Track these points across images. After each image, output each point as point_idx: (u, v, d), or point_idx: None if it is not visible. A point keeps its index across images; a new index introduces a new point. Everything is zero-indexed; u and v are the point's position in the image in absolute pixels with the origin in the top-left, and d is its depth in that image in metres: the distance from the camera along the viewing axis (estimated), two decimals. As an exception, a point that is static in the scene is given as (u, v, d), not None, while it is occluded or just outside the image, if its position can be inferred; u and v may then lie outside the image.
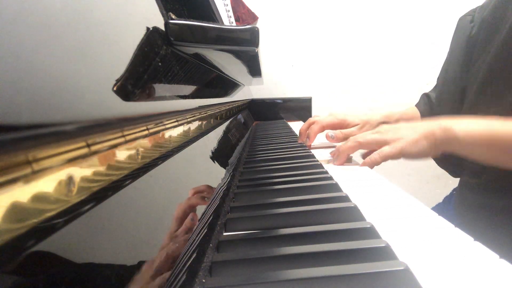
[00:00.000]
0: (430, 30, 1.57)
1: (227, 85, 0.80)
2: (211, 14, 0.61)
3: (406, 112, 0.89)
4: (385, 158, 0.54)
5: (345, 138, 0.78)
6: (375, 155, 0.55)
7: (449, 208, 0.79)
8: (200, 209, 0.33)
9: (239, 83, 0.96)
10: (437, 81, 0.85)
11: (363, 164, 0.57)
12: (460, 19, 0.74)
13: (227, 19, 0.76)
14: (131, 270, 0.19)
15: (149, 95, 0.28)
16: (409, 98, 1.04)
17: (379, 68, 1.65)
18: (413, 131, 0.53)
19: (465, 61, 0.69)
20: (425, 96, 0.87)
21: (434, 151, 0.52)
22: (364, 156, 0.65)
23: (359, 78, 1.66)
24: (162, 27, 0.33)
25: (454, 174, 0.76)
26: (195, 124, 0.44)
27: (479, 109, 0.63)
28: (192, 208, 0.31)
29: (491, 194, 0.63)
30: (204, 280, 0.25)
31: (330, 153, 0.65)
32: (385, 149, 0.54)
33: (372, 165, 0.56)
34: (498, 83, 0.59)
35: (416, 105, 0.90)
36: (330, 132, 0.77)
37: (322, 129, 0.78)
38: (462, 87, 0.70)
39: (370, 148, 0.59)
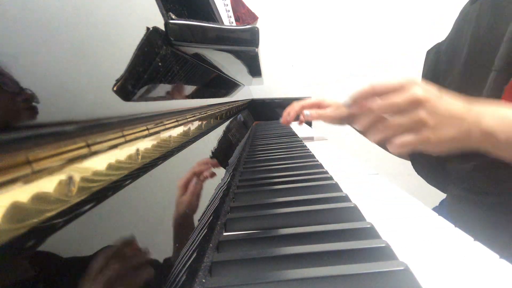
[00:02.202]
0: (430, 31, 1.57)
1: (227, 85, 0.80)
2: (211, 14, 0.61)
3: None
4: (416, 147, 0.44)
5: (319, 117, 0.77)
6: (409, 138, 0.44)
7: (444, 212, 0.81)
8: (200, 211, 0.33)
9: (239, 83, 0.96)
10: None
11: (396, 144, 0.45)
12: (427, 52, 0.83)
13: (227, 19, 0.76)
14: (131, 270, 0.19)
15: (149, 95, 0.28)
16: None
17: (379, 68, 1.65)
18: (452, 126, 0.44)
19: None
20: None
21: (465, 149, 0.45)
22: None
23: (359, 78, 1.66)
24: (162, 27, 0.33)
25: (443, 190, 0.81)
26: (195, 124, 0.44)
27: None
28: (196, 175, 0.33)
29: (476, 195, 0.65)
30: (204, 280, 0.25)
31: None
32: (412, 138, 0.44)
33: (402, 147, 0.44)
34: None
35: None
36: (307, 112, 0.77)
37: (302, 108, 0.79)
38: None
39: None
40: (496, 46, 0.57)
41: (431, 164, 0.82)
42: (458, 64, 0.67)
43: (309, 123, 1.41)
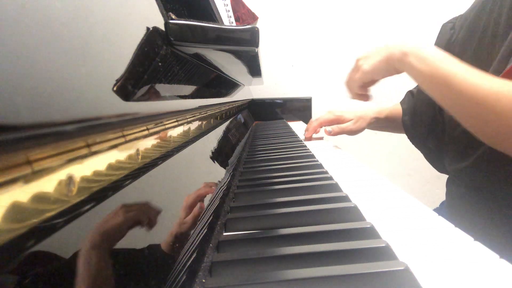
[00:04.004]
0: (430, 31, 1.57)
1: (227, 85, 0.80)
2: (211, 14, 0.61)
3: (394, 107, 0.97)
4: (357, 82, 0.70)
5: (341, 132, 0.91)
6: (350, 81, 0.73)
7: (444, 213, 0.81)
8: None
9: (239, 83, 0.96)
10: None
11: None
12: (443, 26, 0.82)
13: (227, 19, 0.76)
14: (131, 270, 0.19)
15: (149, 95, 0.28)
16: (409, 98, 1.04)
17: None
18: (379, 54, 0.63)
19: None
20: (410, 93, 0.95)
21: (391, 71, 0.62)
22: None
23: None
24: (162, 27, 0.33)
25: (439, 170, 0.83)
26: (195, 124, 0.44)
27: None
28: (200, 198, 0.34)
29: (476, 196, 0.66)
30: (204, 280, 0.25)
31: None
32: (354, 76, 0.70)
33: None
34: None
35: (401, 102, 0.96)
36: (328, 128, 0.91)
37: (321, 125, 0.92)
38: None
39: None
40: None
41: (429, 154, 0.85)
42: (472, 46, 0.68)
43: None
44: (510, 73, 0.50)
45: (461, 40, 0.73)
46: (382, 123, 0.97)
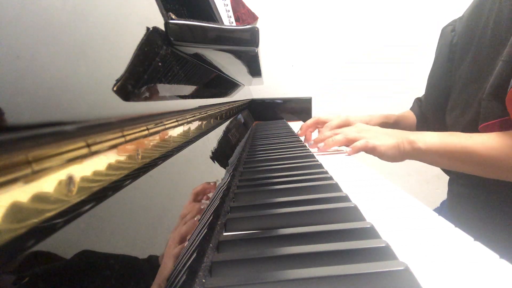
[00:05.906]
0: (431, 32, 1.57)
1: (227, 85, 0.80)
2: (211, 14, 0.61)
3: (402, 114, 0.97)
4: (370, 149, 0.66)
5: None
6: (363, 141, 0.66)
7: (445, 212, 0.81)
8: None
9: (239, 83, 0.96)
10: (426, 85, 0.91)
11: (354, 148, 0.67)
12: (443, 29, 0.82)
13: (227, 19, 0.76)
14: (131, 270, 0.19)
15: (149, 95, 0.28)
16: (408, 99, 1.04)
17: (379, 69, 1.65)
18: (389, 138, 0.66)
19: (448, 66, 0.78)
20: (418, 100, 0.95)
21: (401, 158, 0.66)
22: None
23: (359, 78, 1.66)
24: (162, 27, 0.33)
25: (445, 172, 0.84)
26: (195, 124, 0.44)
27: (460, 106, 0.72)
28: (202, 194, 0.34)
29: (477, 196, 0.66)
30: (204, 280, 0.25)
31: (315, 139, 0.76)
32: (373, 142, 0.66)
33: (358, 150, 0.67)
34: (473, 86, 0.68)
35: (411, 109, 0.97)
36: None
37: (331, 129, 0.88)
38: (446, 89, 0.78)
39: (351, 143, 0.68)
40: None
41: None
42: (472, 49, 0.68)
43: None
44: None
45: (460, 47, 0.73)
46: (390, 128, 0.96)
